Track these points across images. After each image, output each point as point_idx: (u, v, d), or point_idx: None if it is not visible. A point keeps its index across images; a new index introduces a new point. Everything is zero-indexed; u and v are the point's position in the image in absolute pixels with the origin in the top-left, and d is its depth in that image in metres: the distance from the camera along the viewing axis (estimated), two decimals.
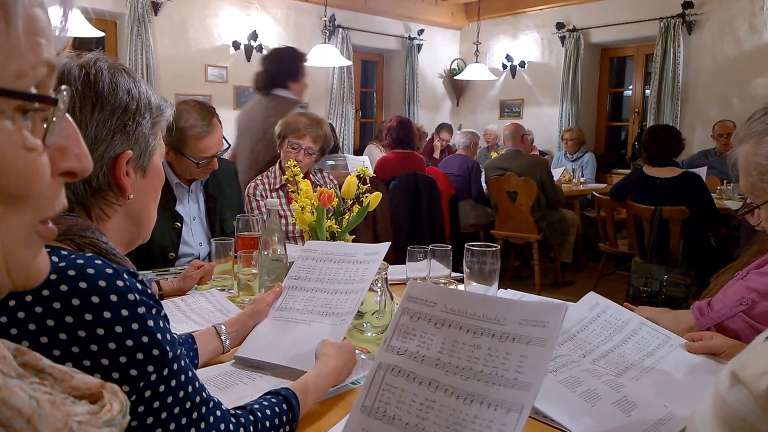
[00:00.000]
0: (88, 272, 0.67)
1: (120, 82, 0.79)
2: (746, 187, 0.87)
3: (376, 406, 0.69)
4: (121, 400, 0.41)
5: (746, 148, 0.85)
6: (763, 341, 0.73)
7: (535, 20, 6.97)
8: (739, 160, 0.88)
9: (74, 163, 0.39)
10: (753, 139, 0.84)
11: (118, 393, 0.42)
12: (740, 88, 5.38)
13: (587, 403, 0.94)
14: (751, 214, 0.91)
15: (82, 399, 0.39)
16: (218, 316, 1.40)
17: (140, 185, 0.84)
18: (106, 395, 0.41)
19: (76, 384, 0.40)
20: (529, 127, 5.93)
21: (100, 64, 0.79)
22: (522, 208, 4.28)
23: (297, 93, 3.10)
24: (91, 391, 0.40)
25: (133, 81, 0.81)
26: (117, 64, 0.81)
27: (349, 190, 1.67)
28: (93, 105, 0.77)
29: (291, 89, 3.07)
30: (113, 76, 0.79)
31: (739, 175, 0.90)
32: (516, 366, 0.65)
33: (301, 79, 3.14)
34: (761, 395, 0.63)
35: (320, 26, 5.25)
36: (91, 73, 0.77)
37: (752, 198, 0.86)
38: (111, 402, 0.40)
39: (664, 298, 2.76)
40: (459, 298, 0.72)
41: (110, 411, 0.39)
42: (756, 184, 0.84)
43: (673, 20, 5.68)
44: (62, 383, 0.39)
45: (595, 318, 1.19)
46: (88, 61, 0.79)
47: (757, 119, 0.85)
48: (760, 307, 1.25)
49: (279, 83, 3.06)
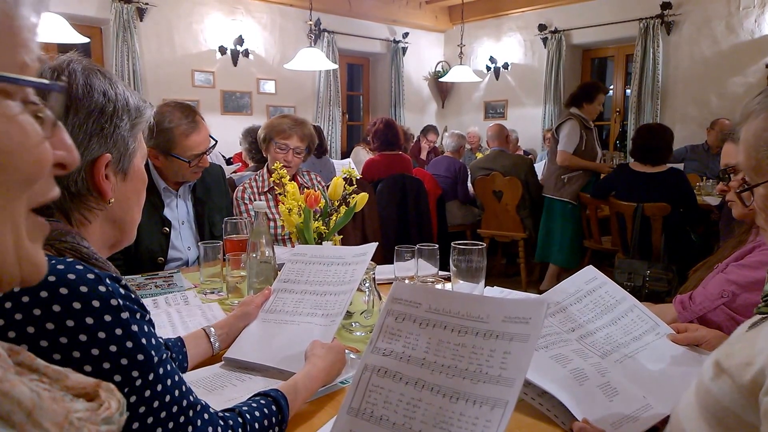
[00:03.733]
0: (68, 278, 0.65)
1: (95, 84, 0.76)
2: (750, 164, 0.81)
3: (363, 407, 0.70)
4: (118, 399, 0.41)
5: (757, 123, 0.79)
6: (745, 331, 0.75)
7: (517, 22, 7.04)
8: (746, 135, 0.81)
9: (64, 154, 0.39)
10: (764, 113, 0.79)
11: (115, 391, 0.42)
12: (718, 86, 5.48)
13: (575, 380, 0.95)
14: (746, 195, 0.86)
15: (79, 397, 0.40)
16: (202, 321, 1.39)
17: (121, 189, 0.81)
18: (103, 394, 0.41)
19: (71, 383, 0.40)
20: (513, 128, 5.99)
21: (74, 66, 0.76)
22: (507, 207, 4.32)
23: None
24: (87, 390, 0.41)
25: (109, 82, 0.78)
26: (92, 66, 0.78)
27: (335, 192, 1.69)
28: (67, 108, 0.74)
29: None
30: (87, 78, 0.76)
31: (739, 155, 0.85)
32: (500, 363, 0.66)
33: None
34: (745, 385, 0.65)
35: (306, 30, 5.25)
36: (63, 75, 0.75)
37: (753, 176, 0.81)
38: (108, 400, 0.40)
39: (647, 293, 2.81)
40: (443, 298, 0.73)
41: (108, 409, 0.39)
42: (762, 161, 0.79)
43: (653, 21, 5.77)
44: (57, 382, 0.39)
45: (590, 292, 1.18)
46: (60, 63, 0.76)
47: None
48: (741, 299, 1.28)
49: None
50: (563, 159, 4.04)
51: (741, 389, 0.66)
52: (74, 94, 0.75)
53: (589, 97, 4.11)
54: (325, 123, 6.60)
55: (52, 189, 0.39)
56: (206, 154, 1.94)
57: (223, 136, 5.22)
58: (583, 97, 4.13)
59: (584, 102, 4.11)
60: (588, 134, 4.07)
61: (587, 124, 4.10)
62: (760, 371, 0.63)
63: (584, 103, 4.11)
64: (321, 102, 6.64)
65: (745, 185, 0.83)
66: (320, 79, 6.58)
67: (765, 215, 0.81)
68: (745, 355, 0.67)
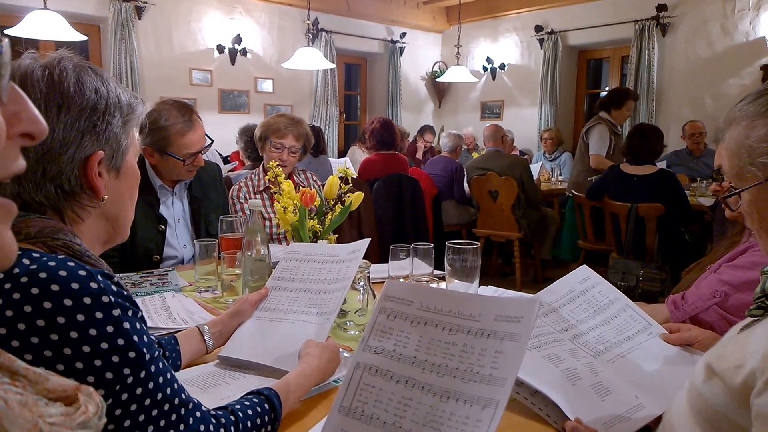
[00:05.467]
0: (60, 274, 0.65)
1: (86, 81, 0.76)
2: (733, 171, 0.82)
3: (354, 406, 0.70)
4: (96, 402, 0.41)
5: (738, 130, 0.81)
6: (737, 333, 0.75)
7: (514, 23, 7.06)
8: (728, 142, 0.82)
9: (29, 126, 0.38)
10: (745, 120, 0.79)
11: (94, 395, 0.41)
12: (713, 88, 5.50)
13: (568, 380, 0.95)
14: (733, 199, 0.87)
15: (57, 401, 0.39)
16: (179, 319, 1.40)
17: (114, 186, 0.81)
18: (82, 398, 0.40)
19: (51, 386, 0.40)
20: (509, 128, 6.00)
21: (65, 64, 0.75)
22: (503, 206, 4.33)
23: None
24: (67, 393, 0.40)
25: (100, 79, 0.78)
26: (83, 63, 0.78)
27: (331, 190, 1.69)
28: (59, 106, 0.73)
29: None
30: (79, 75, 0.75)
31: (723, 160, 0.85)
32: (491, 362, 0.66)
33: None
34: (736, 388, 0.65)
35: (303, 30, 5.25)
36: (55, 73, 0.74)
37: (737, 182, 0.82)
38: (86, 404, 0.40)
39: (640, 293, 2.82)
40: (435, 296, 0.73)
41: (85, 413, 0.39)
42: (744, 168, 0.79)
43: (648, 22, 5.79)
44: (37, 385, 0.39)
45: (584, 292, 1.18)
46: (51, 61, 0.75)
47: (750, 101, 0.81)
48: (733, 300, 1.28)
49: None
50: (597, 162, 4.20)
51: (732, 392, 0.65)
52: (66, 92, 0.74)
53: (617, 103, 4.22)
54: (322, 122, 6.60)
55: (15, 161, 0.38)
56: (201, 153, 1.94)
57: (221, 134, 5.23)
58: (612, 103, 4.24)
59: (613, 107, 4.23)
60: (616, 139, 4.21)
61: (615, 129, 4.24)
62: (751, 374, 0.63)
63: (613, 109, 4.22)
64: (318, 101, 6.63)
65: (732, 189, 0.84)
66: (318, 78, 6.58)
67: (752, 219, 0.81)
68: (736, 358, 0.67)
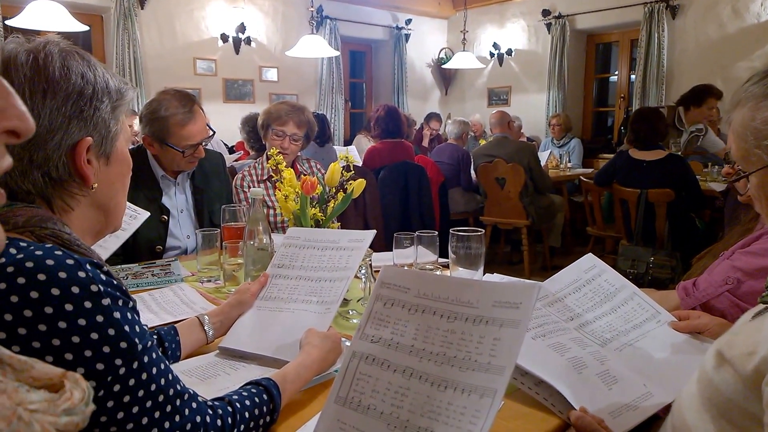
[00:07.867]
0: (47, 263, 0.63)
1: (72, 66, 0.74)
2: (739, 154, 0.81)
3: (351, 396, 0.68)
4: (83, 389, 0.40)
5: (743, 112, 0.80)
6: (749, 320, 0.73)
7: (521, 8, 6.96)
8: (734, 124, 0.82)
9: (16, 122, 0.37)
10: (751, 102, 0.79)
11: (80, 381, 0.41)
12: (723, 71, 5.40)
13: (574, 369, 0.93)
14: (740, 182, 0.86)
15: (42, 389, 0.38)
16: (184, 309, 1.40)
17: (105, 173, 0.79)
18: (68, 384, 0.40)
19: (36, 374, 0.39)
20: (516, 114, 5.94)
21: (50, 48, 0.74)
22: (510, 194, 4.29)
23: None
24: (53, 380, 0.39)
25: (87, 64, 0.76)
26: (69, 48, 0.76)
27: (332, 178, 1.67)
28: (44, 92, 0.72)
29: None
30: (65, 60, 0.74)
31: (731, 143, 0.84)
32: (489, 350, 0.64)
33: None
34: (748, 375, 0.64)
35: (307, 17, 5.19)
36: (39, 57, 0.72)
37: (744, 165, 0.81)
38: (72, 390, 0.39)
39: (650, 280, 2.78)
40: (432, 282, 0.71)
41: (70, 399, 0.38)
42: (750, 150, 0.79)
43: (657, 5, 5.69)
44: (22, 373, 0.38)
45: (590, 281, 1.16)
46: (36, 45, 0.74)
47: (755, 82, 0.79)
48: (746, 286, 1.25)
49: None
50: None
51: (743, 379, 0.65)
52: (51, 77, 0.72)
53: (697, 101, 4.10)
54: (327, 110, 6.57)
55: (1, 158, 0.37)
56: (203, 144, 1.93)
57: (225, 124, 5.22)
58: (692, 100, 4.12)
59: (692, 105, 4.11)
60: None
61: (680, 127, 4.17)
62: (764, 360, 0.62)
63: (692, 106, 4.11)
64: (324, 89, 6.60)
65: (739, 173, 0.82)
66: (323, 66, 6.54)
67: (760, 203, 0.80)
68: (747, 345, 0.66)
